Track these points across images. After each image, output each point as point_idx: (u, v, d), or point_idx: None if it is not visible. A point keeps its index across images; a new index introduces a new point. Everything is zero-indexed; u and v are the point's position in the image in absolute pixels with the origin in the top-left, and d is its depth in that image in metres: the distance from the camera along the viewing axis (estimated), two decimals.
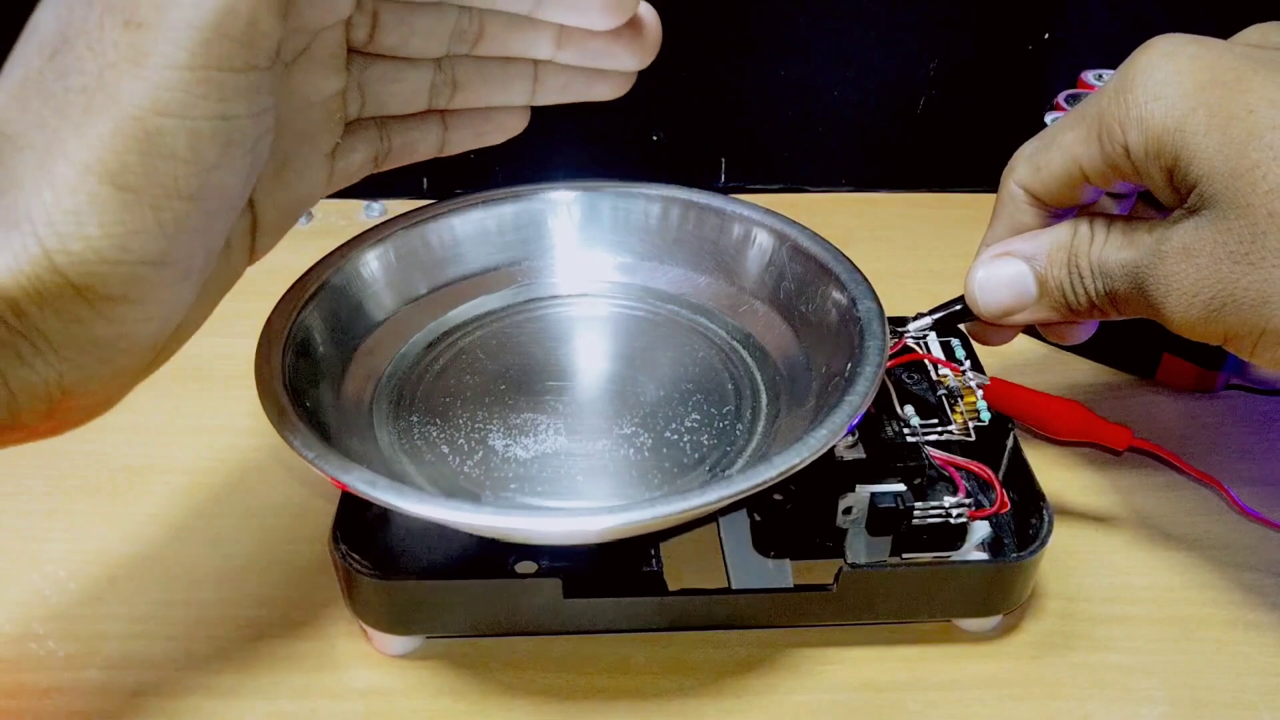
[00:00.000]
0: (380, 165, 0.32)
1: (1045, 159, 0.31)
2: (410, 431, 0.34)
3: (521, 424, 0.34)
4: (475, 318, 0.39)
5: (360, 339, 0.36)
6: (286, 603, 0.34)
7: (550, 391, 0.36)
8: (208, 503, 0.38)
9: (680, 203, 0.39)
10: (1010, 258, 0.31)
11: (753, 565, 0.34)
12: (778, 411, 0.35)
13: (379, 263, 0.37)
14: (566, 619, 0.32)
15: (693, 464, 0.33)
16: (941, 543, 0.33)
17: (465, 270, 0.39)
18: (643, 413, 0.35)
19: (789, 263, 0.37)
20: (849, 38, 0.55)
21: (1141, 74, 0.27)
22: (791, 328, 0.36)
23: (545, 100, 0.34)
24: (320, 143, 0.29)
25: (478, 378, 0.36)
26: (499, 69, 0.32)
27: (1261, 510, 0.37)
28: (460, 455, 0.33)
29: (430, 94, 0.32)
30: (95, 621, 0.33)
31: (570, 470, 0.33)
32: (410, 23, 0.30)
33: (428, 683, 0.32)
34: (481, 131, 0.34)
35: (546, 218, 0.40)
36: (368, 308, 0.37)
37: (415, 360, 0.37)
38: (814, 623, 0.33)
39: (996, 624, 0.33)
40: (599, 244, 0.40)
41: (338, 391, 0.34)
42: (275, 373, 0.31)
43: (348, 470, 0.27)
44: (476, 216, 0.39)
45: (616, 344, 0.38)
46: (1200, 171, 0.27)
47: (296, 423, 0.29)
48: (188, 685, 0.32)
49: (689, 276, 0.39)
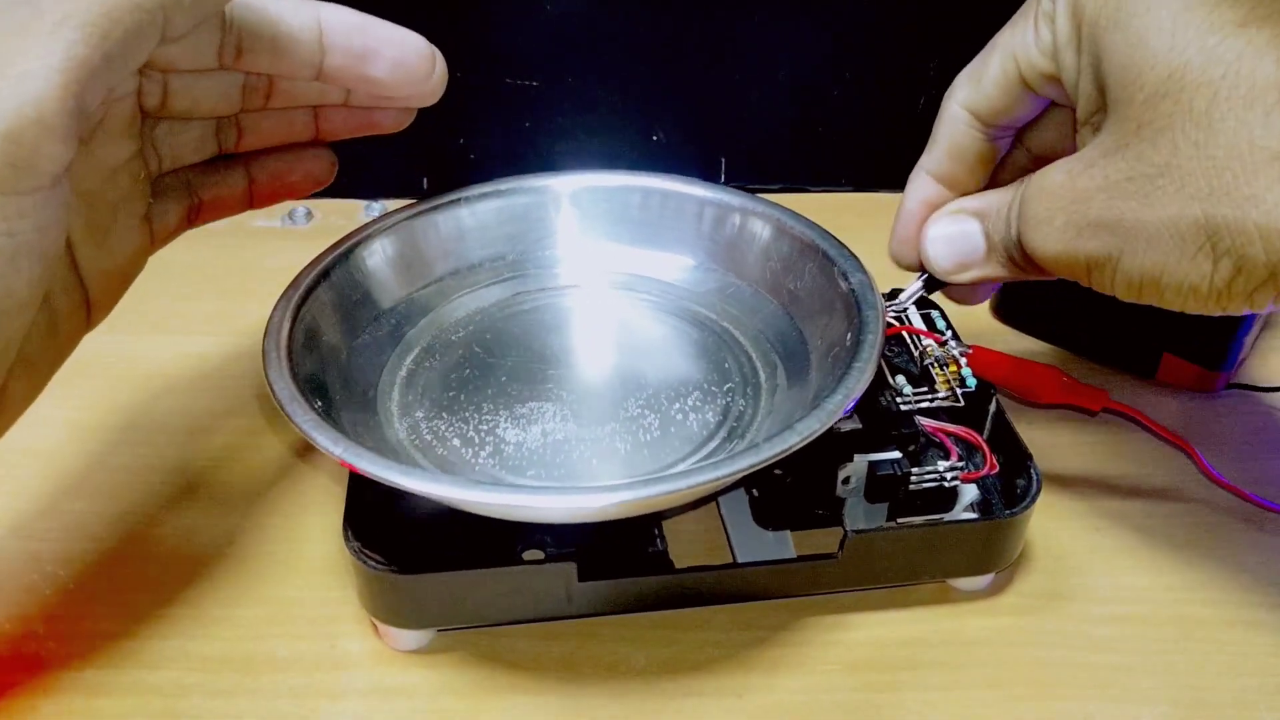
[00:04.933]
0: (196, 221, 0.33)
1: (984, 65, 0.31)
2: (418, 427, 0.34)
3: (528, 413, 0.35)
4: (470, 312, 0.39)
5: (361, 333, 0.36)
6: (287, 602, 0.34)
7: (552, 380, 0.36)
8: (208, 502, 0.38)
9: (660, 192, 0.40)
10: (962, 215, 0.32)
11: (755, 539, 0.35)
12: (777, 386, 0.36)
13: (375, 258, 0.38)
14: (579, 603, 0.32)
15: (704, 440, 0.34)
16: (935, 506, 0.34)
17: (457, 265, 0.40)
18: (645, 395, 0.36)
19: (775, 243, 0.38)
20: (849, 38, 0.55)
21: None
22: (781, 305, 0.38)
23: (330, 136, 0.35)
24: (134, 208, 0.30)
25: (477, 370, 0.37)
26: (281, 112, 0.33)
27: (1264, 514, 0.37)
28: (473, 448, 0.34)
29: (218, 139, 0.33)
30: (95, 621, 0.33)
31: (585, 454, 0.33)
32: (201, 87, 0.30)
33: (428, 682, 0.32)
34: (289, 182, 0.35)
35: (531, 210, 0.41)
36: (366, 303, 0.37)
37: (415, 356, 0.37)
38: (819, 590, 0.34)
39: (989, 583, 0.34)
40: (586, 233, 0.41)
41: (344, 386, 0.34)
42: (284, 367, 0.31)
43: (387, 466, 0.28)
44: (464, 212, 0.40)
45: (611, 331, 0.39)
46: (1107, 68, 0.25)
47: (321, 421, 0.29)
48: (187, 685, 0.32)
49: (677, 261, 0.40)
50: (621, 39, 0.54)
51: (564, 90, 0.55)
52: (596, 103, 0.55)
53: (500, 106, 0.55)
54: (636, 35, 0.54)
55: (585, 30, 0.54)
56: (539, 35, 0.54)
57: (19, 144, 0.22)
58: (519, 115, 0.55)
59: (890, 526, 0.33)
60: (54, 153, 0.23)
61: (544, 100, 0.55)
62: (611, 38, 0.54)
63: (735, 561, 0.34)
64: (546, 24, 0.53)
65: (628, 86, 0.55)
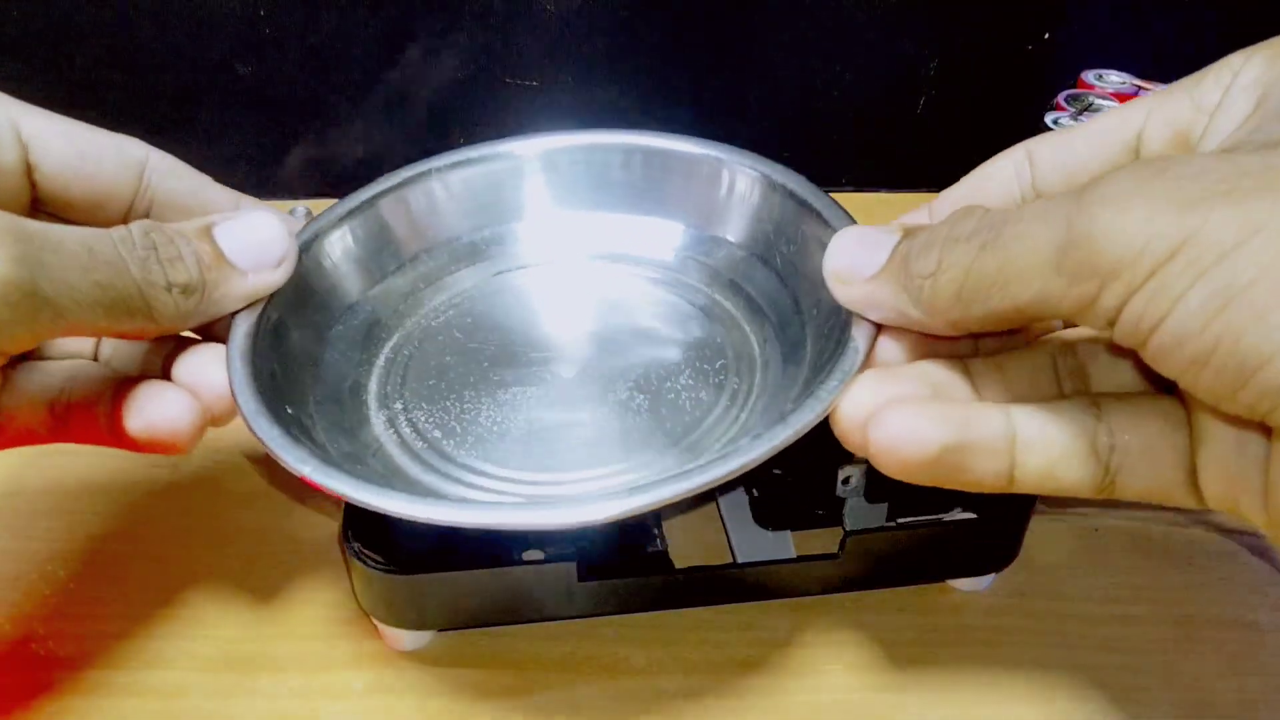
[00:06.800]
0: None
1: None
2: (397, 419, 0.33)
3: (512, 400, 0.33)
4: (448, 295, 0.37)
5: (334, 324, 0.34)
6: (287, 602, 0.34)
7: (535, 363, 0.34)
8: (208, 502, 0.38)
9: (643, 150, 0.37)
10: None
11: (755, 539, 0.35)
12: (768, 360, 0.34)
13: (341, 245, 0.35)
14: (579, 603, 0.32)
15: (697, 420, 0.32)
16: (933, 506, 0.34)
17: (430, 244, 0.37)
18: (634, 375, 0.33)
19: (765, 203, 0.35)
20: (849, 37, 0.55)
21: None
22: (773, 271, 0.35)
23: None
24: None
25: (458, 356, 0.34)
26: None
27: None
28: (454, 439, 0.32)
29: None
30: (95, 621, 0.33)
31: (572, 441, 0.32)
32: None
33: (428, 683, 0.32)
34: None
35: (504, 180, 0.38)
36: (336, 293, 0.35)
37: (393, 344, 0.35)
38: (819, 590, 0.34)
39: (989, 583, 0.35)
40: (564, 202, 0.38)
41: (318, 383, 0.32)
42: (246, 375, 0.29)
43: (357, 486, 0.26)
44: (440, 184, 0.37)
45: (596, 308, 0.36)
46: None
47: (272, 429, 0.27)
48: (187, 685, 0.32)
49: (661, 226, 0.37)
50: (621, 39, 0.54)
51: (564, 90, 0.55)
52: (596, 103, 0.56)
53: (500, 106, 0.55)
54: (636, 35, 0.54)
55: (585, 30, 0.54)
56: (539, 35, 0.54)
57: None
58: (519, 115, 0.55)
59: (890, 526, 0.33)
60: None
61: (544, 100, 0.55)
62: (611, 38, 0.54)
63: (735, 561, 0.34)
64: (546, 24, 0.53)
65: (627, 87, 0.55)
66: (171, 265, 0.27)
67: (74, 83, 0.54)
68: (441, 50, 0.55)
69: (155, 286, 0.26)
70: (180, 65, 0.54)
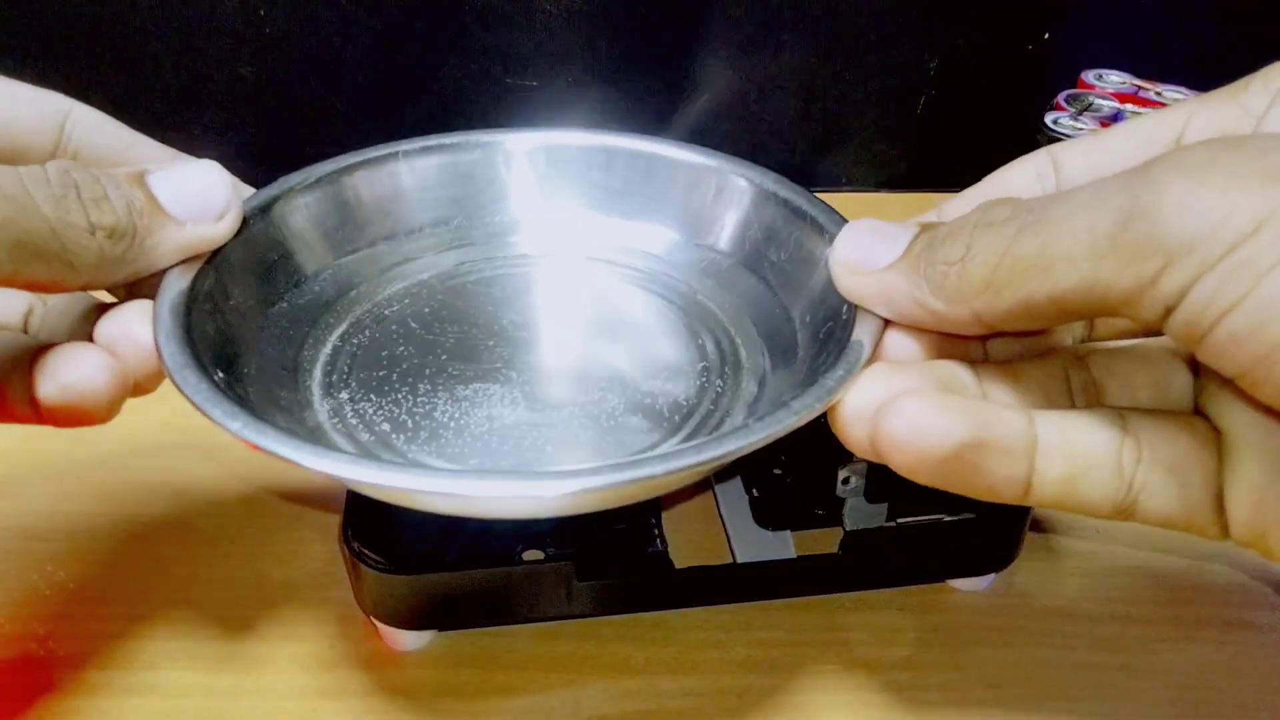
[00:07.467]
0: None
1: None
2: (342, 409, 0.30)
3: (472, 395, 0.30)
4: (407, 283, 0.35)
5: (279, 300, 0.32)
6: (286, 602, 0.34)
7: (500, 359, 0.32)
8: (208, 503, 0.38)
9: (626, 152, 0.36)
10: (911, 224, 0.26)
11: (755, 539, 0.35)
12: (758, 364, 0.32)
13: (299, 215, 0.33)
14: (579, 603, 0.32)
15: (675, 425, 0.30)
16: (932, 506, 0.34)
17: (394, 229, 0.35)
18: (607, 375, 0.31)
19: (754, 209, 0.34)
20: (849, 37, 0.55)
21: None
22: (761, 279, 0.33)
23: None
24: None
25: (413, 347, 0.32)
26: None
27: None
28: (405, 433, 0.29)
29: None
30: (95, 621, 0.33)
31: (537, 441, 0.29)
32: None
33: (428, 683, 0.32)
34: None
35: (482, 170, 0.36)
36: (286, 266, 0.32)
37: (342, 330, 0.33)
38: (819, 590, 0.34)
39: (989, 583, 0.34)
40: (542, 197, 0.36)
41: (258, 358, 0.30)
42: (176, 333, 0.26)
43: (296, 446, 0.23)
44: (408, 167, 0.35)
45: (567, 305, 0.35)
46: None
47: (200, 383, 0.25)
48: (187, 685, 0.32)
49: (645, 229, 0.36)
50: (622, 39, 0.54)
51: (564, 90, 0.55)
52: (596, 103, 0.56)
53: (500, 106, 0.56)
54: (636, 36, 0.54)
55: (585, 30, 0.54)
56: (539, 35, 0.54)
57: None
58: (519, 115, 0.55)
59: (890, 526, 0.33)
60: None
61: (544, 100, 0.55)
62: (611, 38, 0.54)
63: (735, 561, 0.34)
64: (546, 24, 0.53)
65: (627, 87, 0.55)
66: (96, 205, 0.24)
67: (74, 83, 0.54)
68: (441, 50, 0.55)
69: (74, 228, 0.23)
70: (180, 65, 0.54)
